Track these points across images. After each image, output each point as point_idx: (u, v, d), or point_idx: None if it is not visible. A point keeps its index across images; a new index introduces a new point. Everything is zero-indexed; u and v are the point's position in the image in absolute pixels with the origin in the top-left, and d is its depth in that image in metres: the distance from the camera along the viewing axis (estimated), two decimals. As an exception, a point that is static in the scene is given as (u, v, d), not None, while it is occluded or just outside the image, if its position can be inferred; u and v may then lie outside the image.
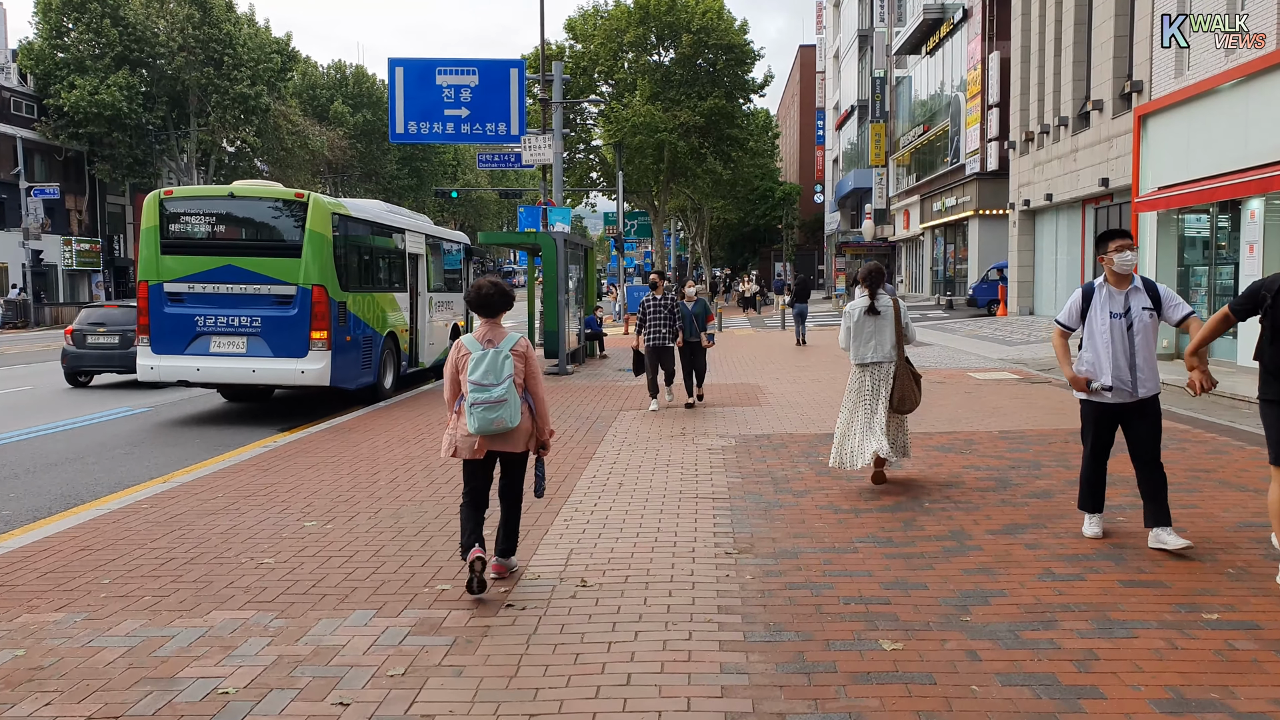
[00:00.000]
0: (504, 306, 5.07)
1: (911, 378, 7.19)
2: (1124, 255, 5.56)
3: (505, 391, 4.81)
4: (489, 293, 5.02)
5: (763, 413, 11.40)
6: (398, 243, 15.53)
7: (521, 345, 5.04)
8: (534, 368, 5.08)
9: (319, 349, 12.40)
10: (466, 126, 23.81)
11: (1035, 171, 26.07)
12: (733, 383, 14.69)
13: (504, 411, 4.82)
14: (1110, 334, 5.51)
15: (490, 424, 4.82)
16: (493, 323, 5.05)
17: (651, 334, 11.86)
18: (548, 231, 15.98)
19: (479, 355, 4.88)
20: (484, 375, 4.82)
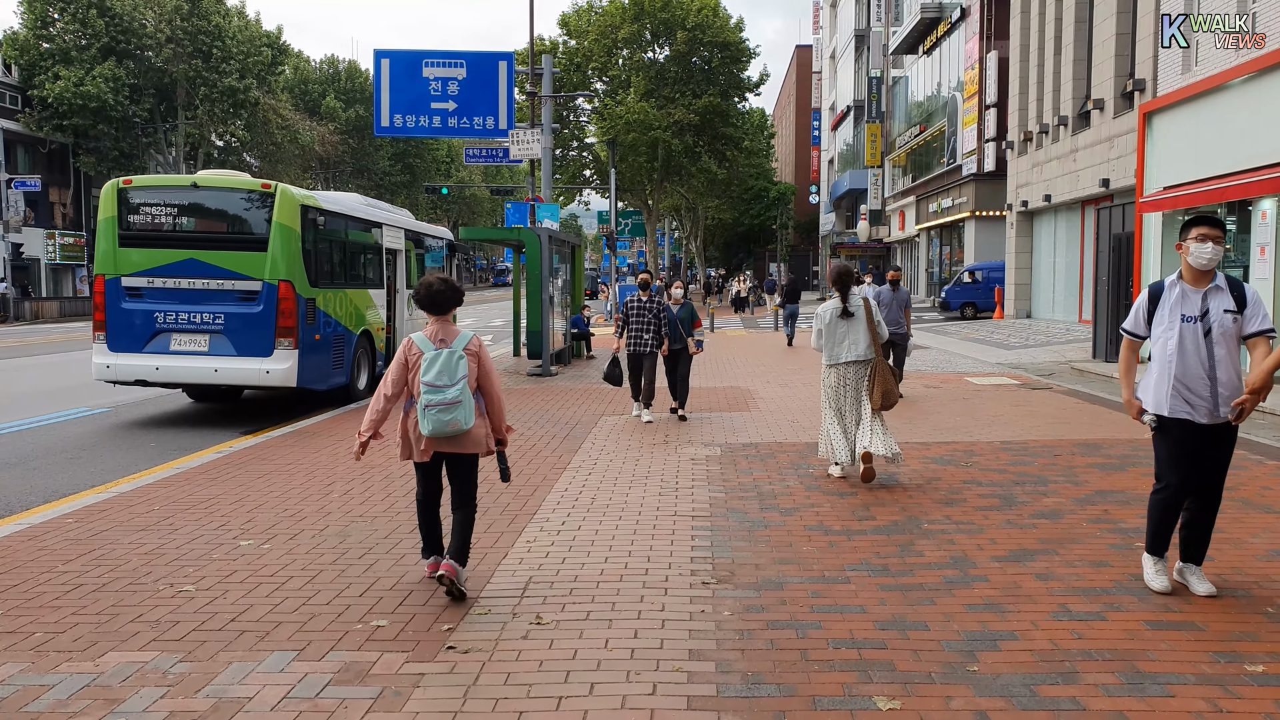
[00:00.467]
0: (454, 303, 4.94)
1: (890, 373, 7.27)
2: (1203, 247, 4.57)
3: (460, 393, 4.69)
4: (439, 289, 4.87)
5: (751, 419, 10.81)
6: (374, 237, 14.91)
7: (474, 344, 4.90)
8: (488, 366, 4.95)
9: (285, 348, 11.79)
10: (454, 120, 23.29)
11: (1034, 172, 25.53)
12: (721, 386, 14.10)
13: (459, 413, 4.70)
14: (1180, 341, 4.60)
15: (445, 426, 4.68)
16: (443, 320, 4.90)
17: (634, 339, 10.83)
18: (532, 227, 15.41)
19: (432, 355, 4.72)
20: (438, 376, 4.67)
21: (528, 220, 24.30)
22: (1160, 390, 4.71)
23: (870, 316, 7.28)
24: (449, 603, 4.75)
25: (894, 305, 12.13)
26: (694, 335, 11.02)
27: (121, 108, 46.38)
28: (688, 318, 11.02)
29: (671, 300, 11.18)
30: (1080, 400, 11.95)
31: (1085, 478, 7.41)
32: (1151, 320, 4.77)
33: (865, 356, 7.27)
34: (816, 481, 7.41)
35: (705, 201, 58.26)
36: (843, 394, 7.35)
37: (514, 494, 7.11)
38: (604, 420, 10.88)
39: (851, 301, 7.30)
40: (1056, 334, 21.35)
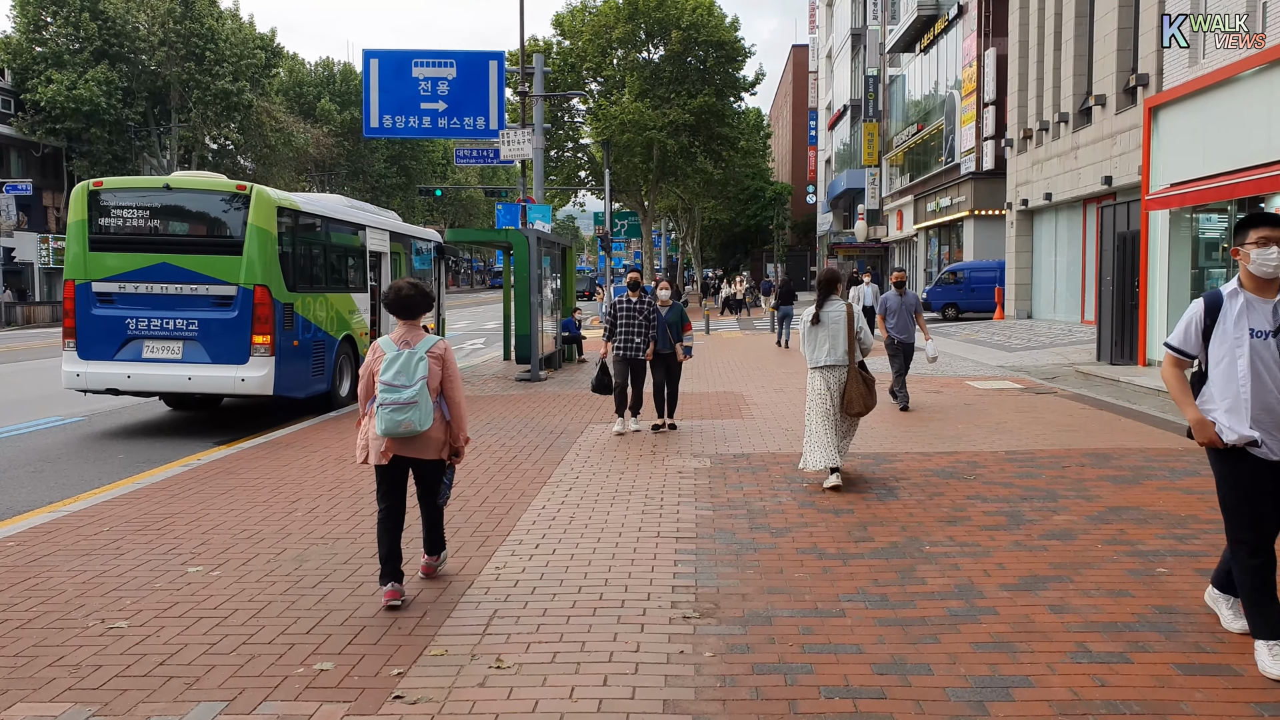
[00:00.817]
0: (423, 308, 4.93)
1: (862, 382, 7.30)
2: (1267, 253, 3.82)
3: (416, 394, 4.68)
4: (407, 294, 4.89)
5: (744, 427, 10.37)
6: (357, 240, 14.48)
7: (439, 348, 4.91)
8: (451, 371, 4.95)
9: (261, 355, 11.36)
10: (444, 120, 22.91)
11: (1034, 170, 25.11)
12: (714, 391, 13.67)
13: (412, 414, 4.68)
14: (1256, 359, 3.84)
15: (398, 426, 4.68)
16: (411, 324, 4.93)
17: (623, 342, 10.08)
18: (522, 229, 14.99)
19: (393, 356, 4.77)
20: (395, 376, 4.69)
21: (519, 222, 23.89)
22: (1237, 421, 3.89)
23: (851, 323, 7.30)
24: (402, 641, 4.32)
25: (902, 311, 11.53)
26: (683, 340, 10.27)
27: (114, 111, 46.04)
28: (677, 321, 10.23)
29: (660, 302, 10.41)
30: (1087, 406, 11.52)
31: (1097, 492, 6.97)
32: (1208, 337, 3.99)
33: (840, 362, 7.31)
34: (810, 497, 6.97)
35: (701, 202, 57.86)
36: (818, 398, 7.41)
37: (488, 512, 6.68)
38: (590, 429, 10.44)
39: (825, 309, 7.38)
40: (1059, 335, 20.93)
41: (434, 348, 4.86)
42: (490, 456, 8.81)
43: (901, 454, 8.61)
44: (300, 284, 12.36)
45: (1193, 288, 13.94)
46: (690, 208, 59.27)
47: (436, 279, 18.99)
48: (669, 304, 10.39)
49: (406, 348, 4.79)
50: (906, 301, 11.61)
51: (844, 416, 7.32)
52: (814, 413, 7.38)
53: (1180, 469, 7.70)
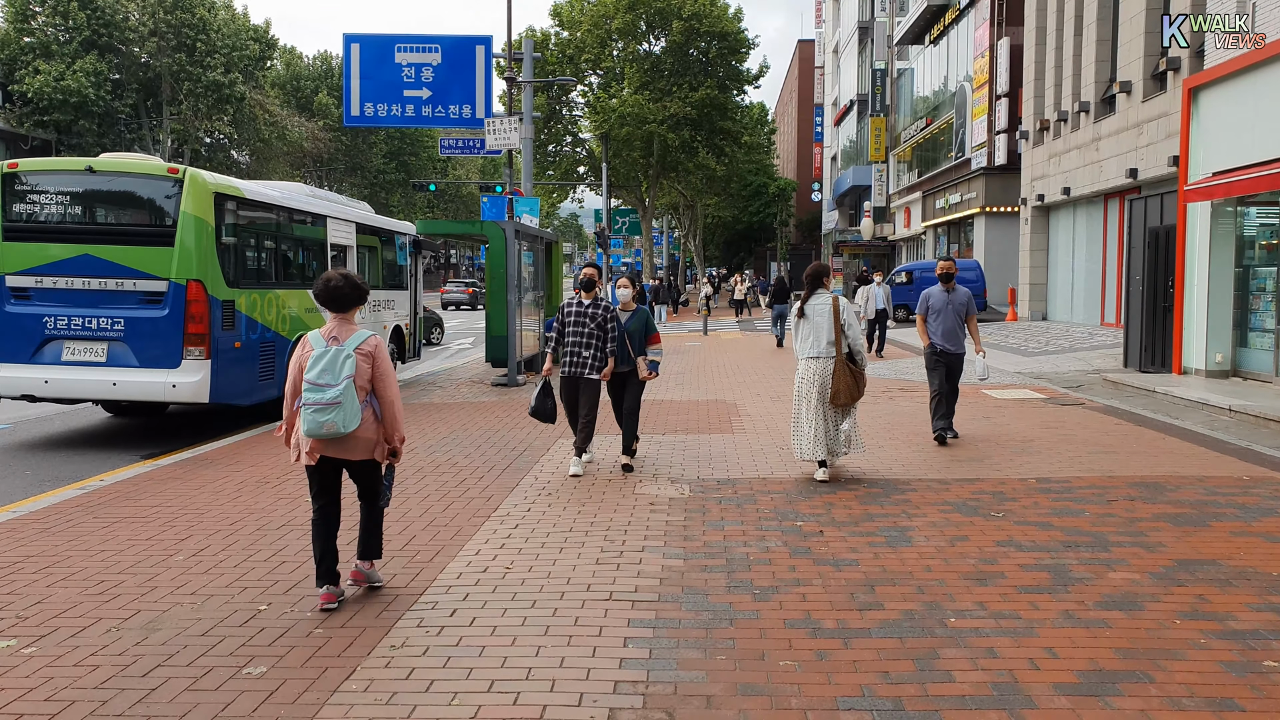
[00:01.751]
0: (354, 301, 4.75)
1: (849, 373, 7.36)
2: None
3: (341, 393, 4.50)
4: (337, 285, 4.71)
5: (732, 444, 9.10)
6: (318, 231, 13.25)
7: (370, 344, 4.69)
8: (383, 369, 4.71)
9: (195, 358, 10.15)
10: (428, 109, 21.73)
11: (1051, 164, 23.79)
12: (704, 399, 12.40)
13: (336, 415, 4.49)
14: None
15: (320, 427, 4.50)
16: (343, 319, 4.75)
17: (571, 357, 7.84)
18: (497, 221, 13.77)
19: (319, 353, 4.58)
20: (320, 374, 4.52)
21: (505, 215, 22.66)
22: None
23: (838, 316, 7.40)
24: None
25: (948, 312, 8.99)
26: (647, 353, 8.11)
27: (104, 103, 45.05)
28: (640, 330, 8.09)
29: (620, 306, 8.25)
30: (1122, 421, 10.21)
31: (1157, 537, 5.70)
32: None
33: (825, 354, 7.39)
34: (804, 540, 5.71)
35: (704, 199, 56.53)
36: (804, 389, 7.50)
37: (408, 559, 5.43)
38: (559, 445, 9.18)
39: (811, 303, 7.49)
40: (1079, 339, 19.62)
41: (364, 344, 4.64)
42: (435, 480, 7.56)
43: (914, 481, 7.34)
44: (245, 279, 11.15)
45: (1236, 288, 12.63)
46: (692, 204, 57.92)
47: (413, 274, 17.76)
48: (631, 308, 8.21)
49: (335, 344, 4.61)
50: (955, 300, 9.01)
51: (832, 408, 7.41)
52: (801, 404, 7.50)
53: (1254, 506, 6.42)
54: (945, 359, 9.03)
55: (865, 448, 8.21)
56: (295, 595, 4.82)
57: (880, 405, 11.66)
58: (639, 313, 8.18)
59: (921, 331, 9.16)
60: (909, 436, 9.38)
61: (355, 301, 4.74)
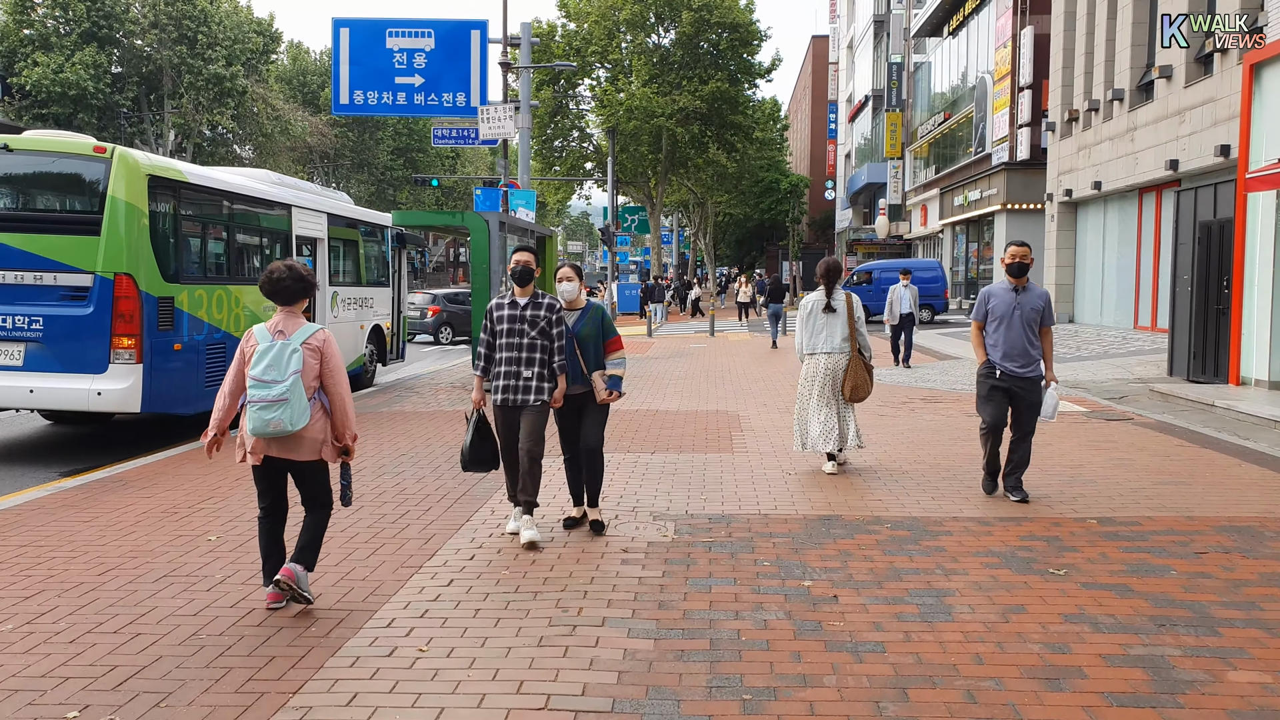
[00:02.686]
0: (300, 294, 4.55)
1: (864, 368, 7.40)
2: None
3: (287, 390, 4.28)
4: (280, 277, 4.51)
5: (732, 467, 7.82)
6: (278, 222, 12.05)
7: (318, 338, 4.48)
8: (333, 364, 4.49)
9: (124, 361, 8.98)
10: (420, 96, 20.70)
11: (1080, 156, 22.39)
12: (704, 409, 11.12)
13: (282, 413, 4.28)
14: None
15: (266, 425, 4.29)
16: (290, 312, 4.54)
17: (505, 380, 5.64)
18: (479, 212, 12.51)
19: (264, 347, 4.36)
20: (265, 370, 4.30)
21: (499, 208, 21.41)
22: None
23: (852, 312, 7.42)
24: None
25: (1014, 320, 6.40)
26: (606, 366, 5.89)
27: (103, 96, 44.22)
28: (594, 335, 5.89)
29: (565, 305, 5.90)
30: (1183, 441, 8.86)
31: (1269, 604, 4.39)
32: None
33: (840, 350, 7.39)
34: (813, 610, 4.42)
35: (714, 196, 55.16)
36: (813, 384, 7.45)
37: (300, 631, 4.18)
38: (531, 466, 7.91)
39: (835, 298, 7.42)
40: (1112, 344, 18.24)
41: (311, 338, 4.46)
42: (371, 514, 6.31)
43: (947, 521, 6.04)
44: (188, 273, 9.98)
45: (1305, 287, 11.26)
46: (702, 202, 56.57)
47: (396, 270, 16.56)
48: (580, 306, 5.96)
49: (281, 338, 4.41)
50: (1026, 303, 6.43)
51: (845, 403, 7.45)
52: (808, 398, 7.44)
53: (1383, 562, 5.10)
54: (1008, 386, 6.43)
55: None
56: (124, 696, 3.57)
57: (901, 419, 10.36)
58: (590, 312, 5.94)
59: (977, 344, 6.63)
60: (936, 460, 8.08)
61: (300, 294, 4.54)
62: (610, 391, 5.81)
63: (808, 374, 7.50)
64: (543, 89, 42.35)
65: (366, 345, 14.72)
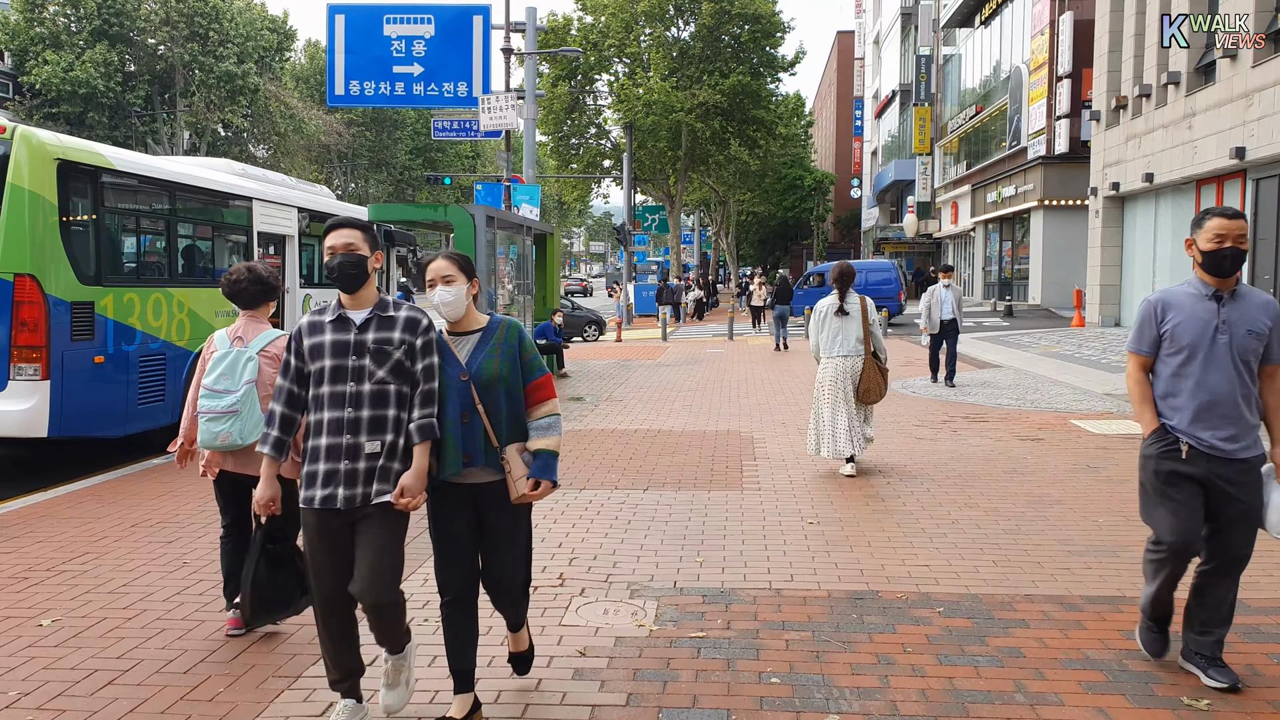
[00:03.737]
0: (260, 297, 4.27)
1: (878, 370, 7.46)
2: None
3: (238, 401, 4.01)
4: (238, 279, 4.26)
5: (740, 511, 6.35)
6: (235, 216, 10.74)
7: (278, 345, 4.16)
8: None
9: (27, 378, 7.70)
10: (419, 86, 19.45)
11: (1129, 147, 20.71)
12: (712, 429, 9.65)
13: (232, 425, 4.00)
14: None
15: (214, 439, 4.01)
16: (251, 316, 4.26)
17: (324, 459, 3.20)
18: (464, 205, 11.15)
19: (220, 354, 4.14)
20: (218, 379, 4.07)
21: (501, 204, 20.04)
22: None
23: (865, 315, 7.48)
24: None
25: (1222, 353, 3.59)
26: (529, 432, 3.37)
27: (114, 94, 43.53)
28: (506, 376, 3.32)
29: (449, 327, 3.38)
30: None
31: None
32: None
33: (855, 352, 7.44)
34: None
35: (736, 194, 53.59)
36: (829, 387, 7.44)
37: None
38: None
39: (848, 301, 7.49)
40: (1168, 349, 16.57)
41: (270, 345, 4.14)
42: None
43: (1018, 600, 4.55)
44: (115, 274, 8.68)
45: None
46: (724, 200, 54.99)
47: (384, 270, 15.24)
48: (475, 326, 3.38)
49: (240, 345, 4.14)
50: (1241, 323, 3.61)
51: (861, 405, 7.47)
52: (824, 402, 7.47)
53: None
54: (1205, 474, 3.64)
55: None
56: None
57: (942, 443, 8.85)
58: (497, 336, 3.37)
59: (1142, 399, 3.79)
60: (991, 502, 6.58)
61: (260, 297, 4.30)
62: (537, 484, 3.31)
63: (823, 377, 7.53)
64: (558, 84, 41.04)
65: (347, 353, 13.42)
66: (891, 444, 8.81)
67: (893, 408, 11.08)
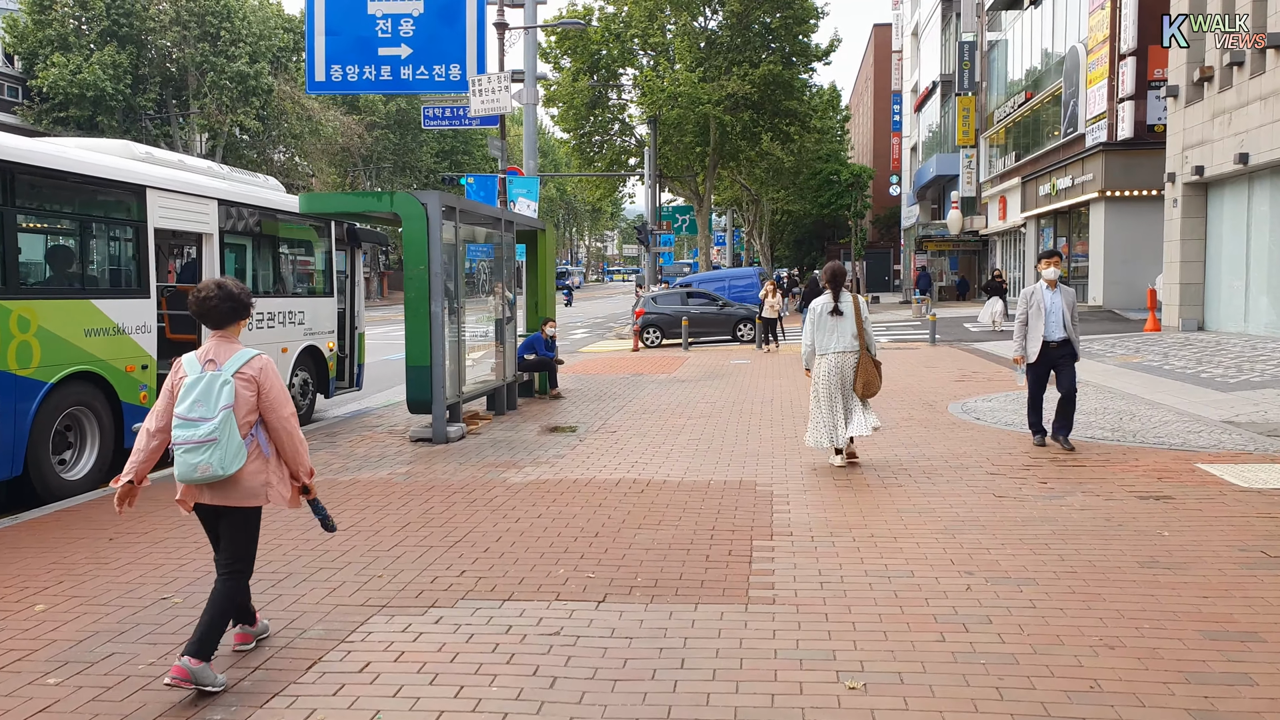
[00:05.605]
0: (232, 315, 3.97)
1: (874, 364, 7.75)
2: None
3: (217, 428, 3.71)
4: (206, 297, 3.93)
5: (737, 651, 4.01)
6: (118, 209, 8.59)
7: (254, 366, 3.89)
8: (274, 397, 3.89)
9: None
10: (407, 70, 17.47)
11: (1216, 125, 18.03)
12: (719, 479, 7.31)
13: (212, 455, 3.71)
14: None
15: (194, 470, 3.73)
16: (222, 337, 3.95)
17: None
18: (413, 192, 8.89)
19: (192, 380, 3.81)
20: (191, 407, 3.75)
21: (495, 200, 17.85)
22: None
23: (859, 313, 7.78)
24: None
25: None
26: None
27: (123, 97, 42.19)
28: None
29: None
30: None
31: None
32: None
33: (850, 348, 7.74)
34: None
35: (769, 192, 51.02)
36: (827, 382, 7.71)
37: None
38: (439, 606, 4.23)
39: (842, 301, 7.78)
40: (1274, 359, 13.93)
41: (245, 366, 3.87)
42: None
43: None
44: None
45: None
46: (757, 199, 52.45)
47: (347, 275, 13.10)
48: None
49: (212, 368, 3.84)
50: None
51: (858, 398, 7.73)
52: (822, 397, 7.74)
53: None
54: None
55: None
56: None
57: (1032, 504, 6.42)
58: None
59: None
60: (1143, 641, 4.17)
61: (232, 315, 3.94)
62: None
63: (820, 373, 7.80)
64: (578, 78, 38.92)
65: (295, 373, 11.24)
66: (963, 502, 6.42)
67: (953, 442, 8.68)
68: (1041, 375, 8.60)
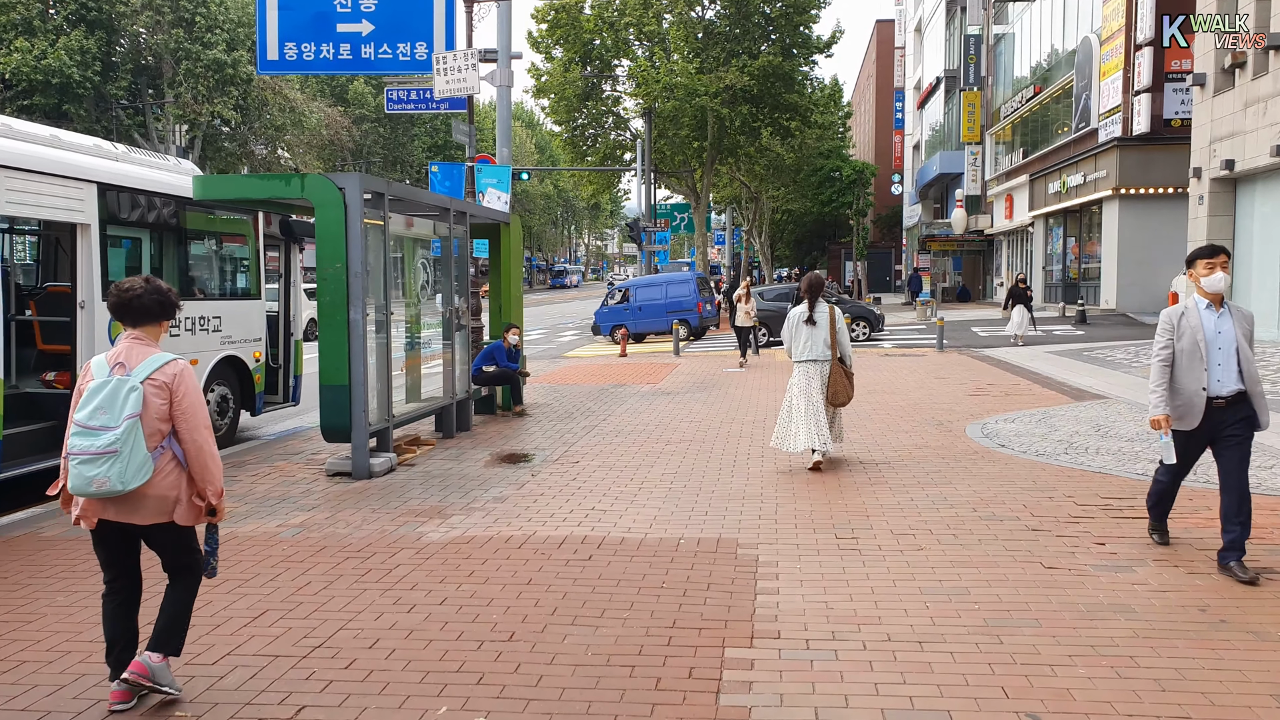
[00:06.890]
0: (156, 314, 3.65)
1: (844, 375, 8.07)
2: None
3: (119, 439, 3.39)
4: (131, 291, 3.60)
5: None
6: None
7: (168, 372, 3.55)
8: (186, 405, 3.56)
9: None
10: (368, 49, 16.00)
11: (1249, 115, 16.52)
12: (692, 534, 5.78)
13: (110, 468, 3.38)
14: None
15: (88, 484, 3.40)
16: (137, 338, 3.62)
17: None
18: (328, 175, 7.34)
19: (97, 384, 3.49)
20: (92, 414, 3.43)
21: (461, 191, 16.29)
22: None
23: (833, 322, 8.06)
24: None
25: None
26: None
27: (91, 84, 40.49)
28: None
29: None
30: None
31: None
32: None
33: (822, 357, 8.00)
34: None
35: (768, 189, 49.45)
36: (799, 389, 7.93)
37: None
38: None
39: (817, 310, 8.05)
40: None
41: (158, 372, 3.53)
42: None
43: None
44: None
45: None
46: (756, 196, 50.89)
47: (282, 272, 11.55)
48: None
49: (121, 372, 3.51)
50: None
51: (827, 406, 7.93)
52: (796, 401, 7.94)
53: None
54: None
55: None
56: None
57: (1111, 590, 4.90)
58: None
59: None
60: None
61: (157, 314, 3.66)
62: None
63: (794, 380, 8.07)
64: (570, 69, 37.40)
65: (210, 388, 9.67)
66: (1003, 577, 4.88)
67: (978, 481, 7.13)
68: (1192, 450, 5.26)
